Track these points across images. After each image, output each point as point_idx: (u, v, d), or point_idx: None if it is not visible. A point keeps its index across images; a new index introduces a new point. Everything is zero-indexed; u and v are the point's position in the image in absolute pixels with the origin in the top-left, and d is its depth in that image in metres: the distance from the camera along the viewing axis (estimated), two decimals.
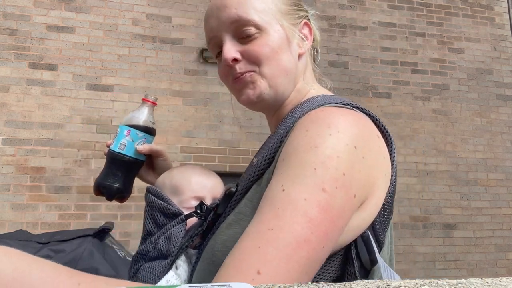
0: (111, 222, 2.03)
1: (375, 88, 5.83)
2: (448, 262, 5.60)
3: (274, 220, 0.60)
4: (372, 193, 0.70)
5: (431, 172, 5.78)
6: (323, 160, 0.63)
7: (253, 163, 0.77)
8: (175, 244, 0.80)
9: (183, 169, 0.97)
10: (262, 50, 0.79)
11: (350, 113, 0.71)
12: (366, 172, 0.68)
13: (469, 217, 5.80)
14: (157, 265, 0.80)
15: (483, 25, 6.48)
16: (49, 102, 4.65)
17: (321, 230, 0.60)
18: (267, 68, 0.80)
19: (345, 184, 0.63)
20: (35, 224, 4.33)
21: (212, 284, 0.41)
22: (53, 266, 0.57)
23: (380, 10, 6.09)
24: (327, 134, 0.65)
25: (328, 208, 0.61)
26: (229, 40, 0.81)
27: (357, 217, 0.68)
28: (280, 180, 0.65)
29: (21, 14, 4.75)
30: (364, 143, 0.68)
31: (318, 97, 0.80)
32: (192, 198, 0.89)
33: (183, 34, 5.23)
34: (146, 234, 0.86)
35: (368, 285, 0.45)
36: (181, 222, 0.83)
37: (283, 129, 0.76)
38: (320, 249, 0.60)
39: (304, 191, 0.62)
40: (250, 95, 0.82)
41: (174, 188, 0.91)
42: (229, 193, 0.77)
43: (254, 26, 0.79)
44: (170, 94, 5.01)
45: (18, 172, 4.43)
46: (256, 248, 0.59)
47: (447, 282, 0.45)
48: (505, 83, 6.37)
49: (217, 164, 4.94)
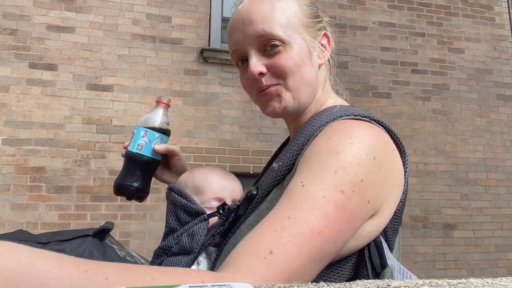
0: (111, 222, 2.03)
1: (375, 88, 5.83)
2: (448, 262, 5.60)
3: (291, 209, 0.64)
4: (386, 202, 0.74)
5: (431, 172, 5.78)
6: (344, 165, 0.67)
7: (274, 168, 0.82)
8: (198, 241, 0.84)
9: (204, 171, 1.01)
10: (287, 63, 0.83)
11: (370, 126, 0.75)
12: (382, 182, 0.72)
13: (469, 217, 5.80)
14: (180, 260, 0.83)
15: (483, 25, 6.48)
16: (49, 102, 4.64)
17: (335, 226, 0.63)
18: (291, 81, 0.84)
19: (361, 190, 0.67)
20: (35, 224, 4.33)
21: (212, 284, 0.42)
22: (57, 256, 0.57)
23: (380, 10, 6.09)
24: (349, 143, 0.70)
25: (344, 208, 0.65)
26: (255, 54, 0.85)
27: (371, 224, 0.72)
28: (300, 178, 0.68)
29: (21, 14, 4.75)
30: (382, 154, 0.73)
31: (336, 107, 0.85)
32: (213, 199, 0.93)
33: (183, 34, 5.23)
34: (169, 231, 0.90)
35: (368, 285, 0.45)
36: (203, 220, 0.87)
37: (303, 136, 0.80)
38: (331, 243, 0.63)
39: (323, 190, 0.65)
40: (276, 108, 0.87)
41: (196, 188, 0.95)
42: (250, 195, 0.81)
43: (279, 40, 0.83)
44: (170, 94, 5.01)
45: (18, 172, 4.43)
46: (271, 232, 0.62)
47: (447, 282, 0.45)
48: (505, 83, 6.36)
49: (217, 164, 4.94)
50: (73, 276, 0.53)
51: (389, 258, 0.73)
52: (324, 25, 0.93)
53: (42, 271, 0.53)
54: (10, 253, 0.54)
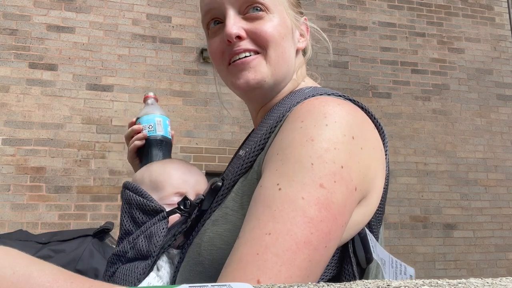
0: (111, 222, 2.03)
1: (375, 88, 5.83)
2: (448, 262, 5.60)
3: (271, 223, 0.57)
4: (373, 186, 0.67)
5: (431, 172, 5.78)
6: (320, 154, 0.60)
7: (240, 156, 0.73)
8: (156, 244, 0.74)
9: (163, 164, 0.91)
10: (270, 32, 0.74)
11: (345, 103, 0.67)
12: (366, 163, 0.64)
13: (469, 217, 5.80)
14: (136, 266, 0.74)
15: (483, 25, 6.48)
16: (49, 102, 4.65)
17: (322, 229, 0.57)
18: (273, 52, 0.75)
19: (344, 178, 0.60)
20: (35, 224, 4.33)
21: (212, 284, 0.41)
22: (52, 270, 0.56)
23: (380, 10, 6.09)
24: (324, 125, 0.62)
25: (328, 205, 0.58)
26: (234, 15, 0.75)
27: (358, 213, 0.64)
28: (275, 178, 0.61)
29: (21, 14, 4.75)
30: (362, 133, 0.65)
31: (308, 89, 0.77)
32: (174, 194, 0.83)
33: (183, 34, 5.23)
34: (123, 234, 0.80)
35: (368, 285, 0.45)
36: (162, 219, 0.77)
37: (271, 119, 0.72)
38: (322, 249, 0.57)
39: (302, 189, 0.58)
40: (250, 79, 0.75)
41: (154, 183, 0.85)
42: (215, 187, 0.72)
43: (263, 6, 0.75)
44: (170, 94, 5.01)
45: (18, 172, 4.43)
46: (254, 256, 0.55)
47: (447, 282, 0.45)
48: (505, 83, 6.37)
49: (217, 164, 4.95)
50: None
51: (376, 251, 0.67)
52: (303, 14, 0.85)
53: (36, 284, 0.52)
54: (7, 261, 0.53)
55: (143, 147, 1.10)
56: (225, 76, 0.80)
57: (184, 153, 4.85)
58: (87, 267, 1.59)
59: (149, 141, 1.10)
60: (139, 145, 1.10)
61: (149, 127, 1.12)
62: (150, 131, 1.11)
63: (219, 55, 0.78)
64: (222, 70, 0.79)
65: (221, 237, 0.64)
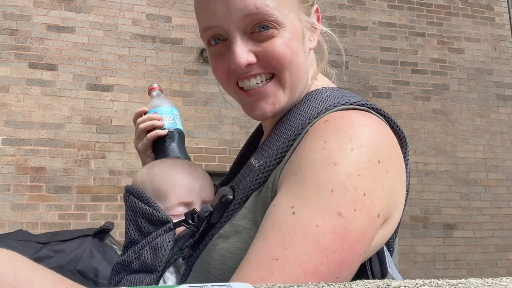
0: (111, 222, 2.03)
1: (375, 88, 5.83)
2: (448, 262, 5.60)
3: (280, 248, 0.54)
4: (395, 209, 0.64)
5: (431, 172, 5.78)
6: (342, 180, 0.56)
7: (254, 167, 0.68)
8: (161, 257, 0.70)
9: (165, 168, 0.84)
10: (283, 51, 0.66)
11: (372, 120, 0.63)
12: (390, 186, 0.61)
13: (469, 217, 5.80)
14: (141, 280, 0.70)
15: (483, 25, 6.48)
16: (49, 102, 4.65)
17: (334, 260, 0.54)
18: (288, 74, 0.68)
19: (365, 205, 0.56)
20: (35, 224, 4.33)
21: (212, 284, 0.41)
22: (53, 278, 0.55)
23: (380, 10, 6.09)
24: (349, 148, 0.58)
25: (344, 234, 0.54)
26: (240, 38, 0.66)
27: (379, 236, 0.62)
28: (291, 200, 0.57)
29: (21, 14, 4.75)
30: (388, 155, 0.62)
31: (326, 91, 0.71)
32: (179, 205, 0.78)
33: (183, 34, 5.23)
34: (129, 243, 0.75)
35: (368, 285, 0.45)
36: (168, 231, 0.72)
37: (289, 129, 0.67)
38: (333, 280, 0.54)
39: (317, 216, 0.55)
40: (268, 111, 0.70)
41: (157, 192, 0.79)
42: (226, 200, 0.67)
43: (273, 22, 0.65)
44: (170, 94, 5.01)
45: (18, 172, 4.43)
46: (258, 280, 0.53)
47: (447, 282, 0.45)
48: (505, 83, 6.36)
49: (217, 164, 4.95)
50: None
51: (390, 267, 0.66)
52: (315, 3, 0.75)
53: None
54: (9, 265, 0.53)
55: (159, 140, 1.02)
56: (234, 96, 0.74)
57: None
58: (87, 267, 1.59)
59: (170, 134, 1.03)
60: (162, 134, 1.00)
61: (169, 119, 1.05)
62: (171, 124, 1.05)
63: (224, 77, 0.72)
64: (229, 89, 0.74)
65: (233, 256, 0.61)
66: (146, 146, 1.02)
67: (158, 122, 1.02)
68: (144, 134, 1.02)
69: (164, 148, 1.02)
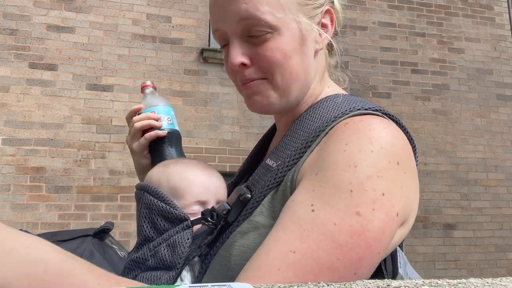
0: (111, 222, 2.03)
1: (375, 88, 5.83)
2: (448, 262, 5.60)
3: (297, 242, 0.57)
4: (412, 210, 0.66)
5: (431, 172, 5.78)
6: (362, 181, 0.58)
7: (271, 168, 0.70)
8: (181, 255, 0.70)
9: (181, 167, 0.85)
10: (273, 56, 0.69)
11: (389, 124, 0.65)
12: (408, 187, 0.63)
13: (469, 217, 5.80)
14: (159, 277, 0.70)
15: (483, 25, 6.48)
16: (49, 102, 4.65)
17: (351, 256, 0.56)
18: (279, 77, 0.71)
19: (384, 205, 0.58)
20: (35, 224, 4.33)
21: (212, 284, 0.41)
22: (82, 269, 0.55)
23: (380, 10, 6.09)
24: (369, 151, 0.60)
25: (362, 232, 0.56)
26: (237, 40, 0.71)
27: (397, 235, 0.64)
28: (311, 198, 0.60)
29: (21, 14, 4.75)
30: (405, 157, 0.65)
31: (339, 97, 0.73)
32: (195, 203, 0.79)
33: (183, 34, 5.23)
34: (143, 240, 0.75)
35: (368, 285, 0.45)
36: (186, 228, 0.72)
37: (305, 131, 0.69)
38: (350, 276, 0.56)
39: (335, 215, 0.57)
40: (259, 104, 0.74)
41: (173, 190, 0.80)
42: (244, 199, 0.69)
43: (266, 26, 0.68)
44: (170, 94, 5.01)
45: (18, 172, 4.43)
46: (275, 270, 0.56)
47: (447, 282, 0.45)
48: (505, 83, 6.37)
49: (217, 164, 4.94)
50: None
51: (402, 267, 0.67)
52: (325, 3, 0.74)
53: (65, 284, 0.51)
54: (39, 256, 0.52)
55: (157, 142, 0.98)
56: (240, 92, 0.79)
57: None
58: None
59: (169, 135, 0.99)
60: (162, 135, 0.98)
61: (168, 120, 1.01)
62: (170, 124, 1.01)
63: (232, 76, 0.76)
64: (238, 89, 0.79)
65: (253, 251, 0.62)
66: (143, 146, 1.00)
67: (156, 122, 0.99)
68: (139, 134, 1.00)
69: (162, 150, 0.99)
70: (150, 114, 1.00)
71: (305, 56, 0.72)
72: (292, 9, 0.70)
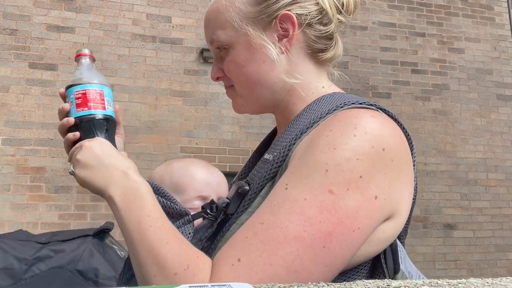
0: (111, 222, 2.03)
1: (375, 88, 5.83)
2: (448, 262, 5.60)
3: (267, 215, 0.60)
4: (403, 199, 0.66)
5: (431, 172, 5.79)
6: (339, 162, 0.60)
7: (268, 160, 0.73)
8: None
9: (184, 165, 0.88)
10: (229, 67, 0.79)
11: (379, 115, 0.67)
12: (394, 175, 0.63)
13: (469, 217, 5.80)
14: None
15: (483, 25, 6.49)
16: (49, 102, 4.65)
17: (320, 229, 0.57)
18: (238, 85, 0.81)
19: (360, 186, 0.59)
20: (35, 224, 4.33)
21: (212, 284, 0.42)
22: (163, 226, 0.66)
23: (380, 10, 6.09)
24: (352, 135, 0.62)
25: (333, 208, 0.58)
26: (214, 57, 0.84)
27: (389, 226, 0.65)
28: (286, 179, 0.63)
29: (21, 14, 4.75)
30: (395, 145, 0.65)
31: (336, 94, 0.76)
32: (196, 198, 0.82)
33: (183, 34, 5.23)
34: None
35: (368, 285, 0.45)
36: (188, 222, 0.75)
37: (299, 125, 0.72)
38: (319, 249, 0.57)
39: (307, 191, 0.59)
40: (235, 107, 0.86)
41: (175, 185, 0.83)
42: (242, 191, 0.71)
43: (224, 45, 0.79)
44: (170, 94, 5.01)
45: (18, 172, 4.43)
46: (243, 238, 0.60)
47: (447, 282, 0.45)
48: (505, 83, 6.37)
49: (217, 164, 4.94)
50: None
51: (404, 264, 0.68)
52: (283, 4, 0.76)
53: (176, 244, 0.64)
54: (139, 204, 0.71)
55: (80, 132, 0.81)
56: None
57: (184, 153, 4.85)
58: (87, 267, 1.59)
59: (85, 124, 0.81)
60: (72, 139, 0.83)
61: (112, 105, 0.86)
62: (111, 111, 0.84)
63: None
64: None
65: None
66: (66, 150, 0.86)
67: (66, 113, 0.85)
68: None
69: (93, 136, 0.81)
70: (64, 105, 0.85)
71: (262, 63, 0.78)
72: (243, 25, 0.77)
